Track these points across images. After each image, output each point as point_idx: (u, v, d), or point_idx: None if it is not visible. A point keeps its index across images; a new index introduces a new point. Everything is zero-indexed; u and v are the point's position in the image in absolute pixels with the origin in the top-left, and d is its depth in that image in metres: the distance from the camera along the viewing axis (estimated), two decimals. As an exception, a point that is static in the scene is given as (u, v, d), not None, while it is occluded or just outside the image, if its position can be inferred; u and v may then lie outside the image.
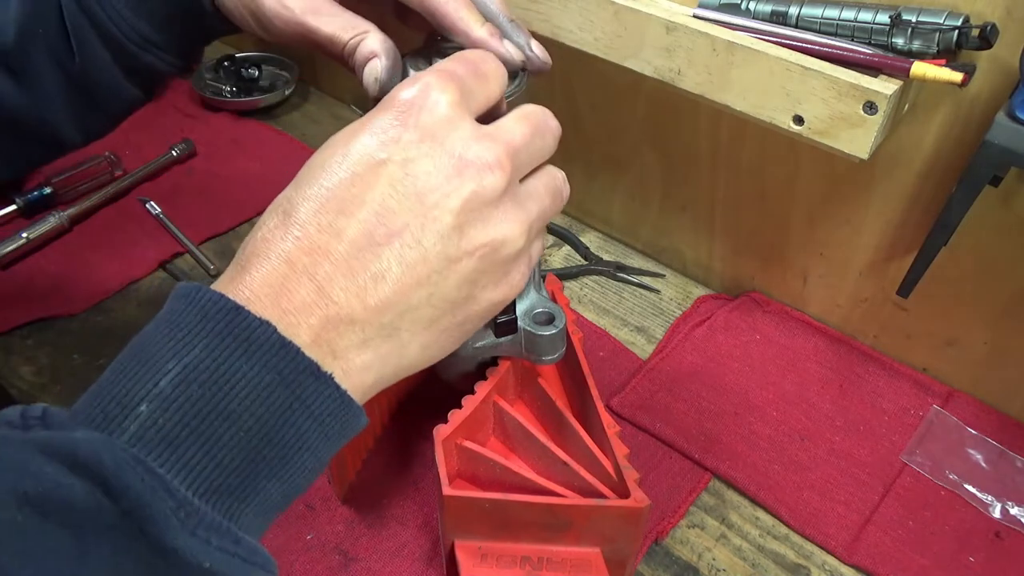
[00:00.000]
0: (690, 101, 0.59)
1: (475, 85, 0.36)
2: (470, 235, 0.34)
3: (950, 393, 0.68)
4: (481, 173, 0.33)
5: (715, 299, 0.77)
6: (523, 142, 0.36)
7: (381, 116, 0.34)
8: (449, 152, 0.33)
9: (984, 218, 0.58)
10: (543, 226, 0.39)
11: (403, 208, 0.32)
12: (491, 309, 0.37)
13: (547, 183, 0.39)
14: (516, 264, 0.37)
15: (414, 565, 0.55)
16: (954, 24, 0.49)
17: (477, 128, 0.35)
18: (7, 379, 0.68)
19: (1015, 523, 0.59)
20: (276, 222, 0.33)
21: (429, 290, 0.33)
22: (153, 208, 0.84)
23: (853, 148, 0.52)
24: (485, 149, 0.34)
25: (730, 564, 0.57)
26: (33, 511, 0.25)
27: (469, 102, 0.35)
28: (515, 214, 0.35)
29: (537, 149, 0.38)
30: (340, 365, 0.32)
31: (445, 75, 0.35)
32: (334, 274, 0.31)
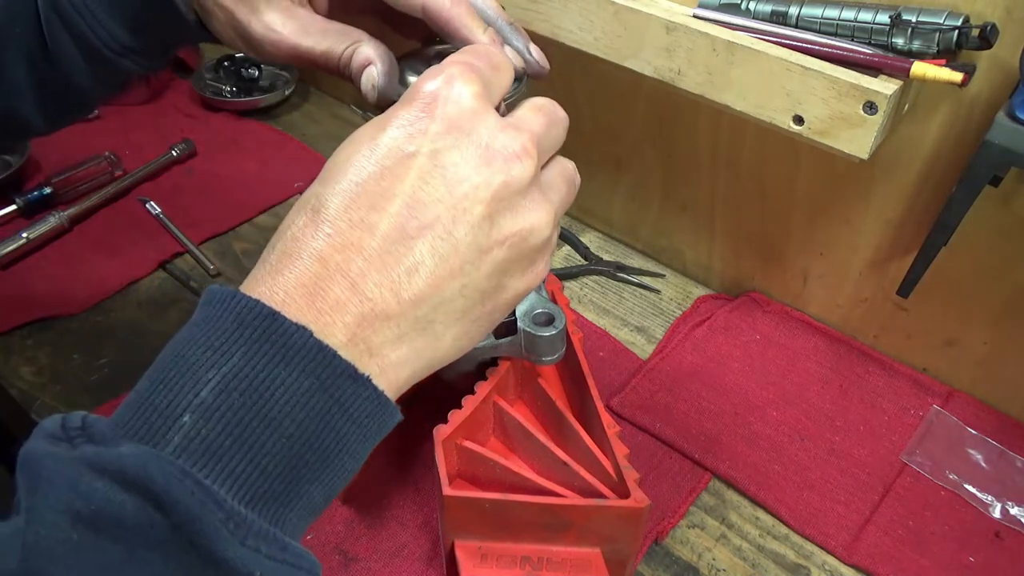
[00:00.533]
0: (690, 101, 0.59)
1: (493, 77, 0.36)
2: (500, 224, 0.34)
3: (950, 393, 0.68)
4: (509, 163, 0.33)
5: (715, 299, 0.77)
6: (543, 131, 0.36)
7: (406, 109, 0.34)
8: (476, 142, 0.33)
9: (984, 218, 0.58)
10: (562, 215, 0.39)
11: (434, 200, 0.32)
12: (517, 298, 0.37)
13: (562, 172, 0.39)
14: (542, 253, 0.37)
15: (414, 565, 0.55)
16: (954, 24, 0.49)
17: (500, 119, 0.35)
18: (7, 379, 0.68)
19: (1015, 523, 0.59)
20: (306, 220, 0.32)
21: (462, 281, 0.33)
22: (153, 208, 0.84)
23: (853, 148, 0.52)
24: (511, 139, 0.34)
25: (730, 564, 0.57)
26: (86, 529, 0.25)
27: (490, 93, 0.35)
28: (542, 202, 0.35)
29: (553, 138, 0.38)
30: (376, 362, 0.32)
31: (467, 67, 0.35)
32: (368, 270, 0.31)
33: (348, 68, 0.42)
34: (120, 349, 0.71)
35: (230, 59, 1.03)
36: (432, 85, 0.34)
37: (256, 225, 0.85)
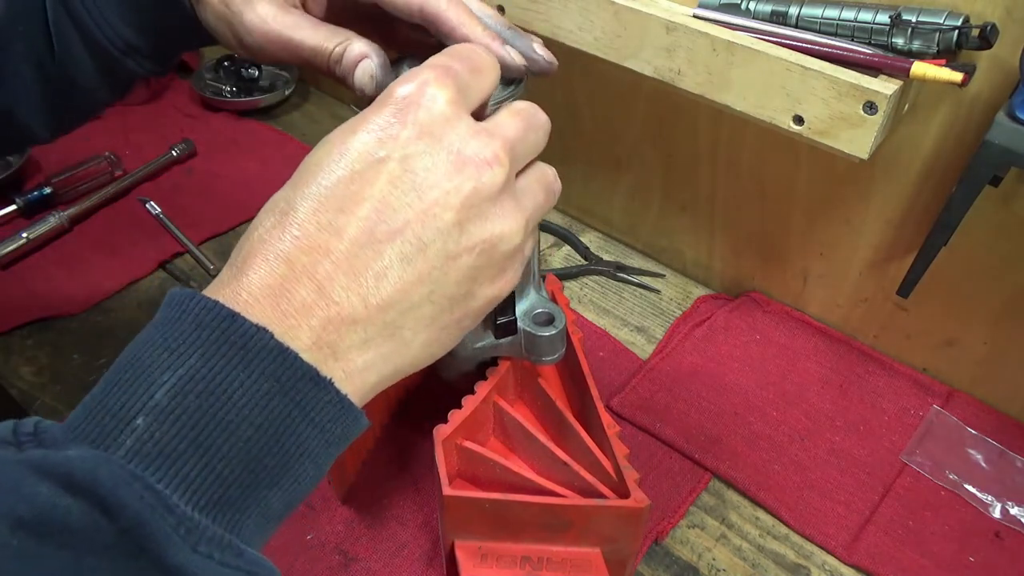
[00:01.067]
0: (690, 101, 0.59)
1: (471, 80, 0.35)
2: (470, 231, 0.33)
3: (950, 393, 0.68)
4: (480, 169, 0.33)
5: (715, 299, 0.77)
6: (518, 137, 0.36)
7: (378, 113, 0.33)
8: (448, 148, 0.33)
9: (984, 218, 0.58)
10: (538, 222, 0.39)
11: (403, 205, 0.32)
12: (488, 305, 0.37)
13: (540, 179, 0.39)
14: (513, 260, 0.37)
15: (414, 565, 0.55)
16: (954, 24, 0.49)
17: (474, 124, 0.34)
18: (7, 379, 0.68)
19: (1015, 523, 0.59)
20: (273, 221, 0.32)
21: (430, 287, 0.33)
22: (153, 208, 0.84)
23: (853, 148, 0.52)
24: (483, 145, 0.34)
25: (730, 564, 0.57)
26: (28, 535, 0.25)
27: (466, 98, 0.35)
28: (513, 210, 0.35)
29: (531, 144, 0.37)
30: (341, 367, 0.31)
31: (442, 71, 0.34)
32: (335, 273, 0.31)
33: (339, 64, 0.42)
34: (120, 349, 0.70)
35: (230, 59, 1.03)
36: (405, 90, 0.34)
37: (256, 225, 0.85)
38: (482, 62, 0.37)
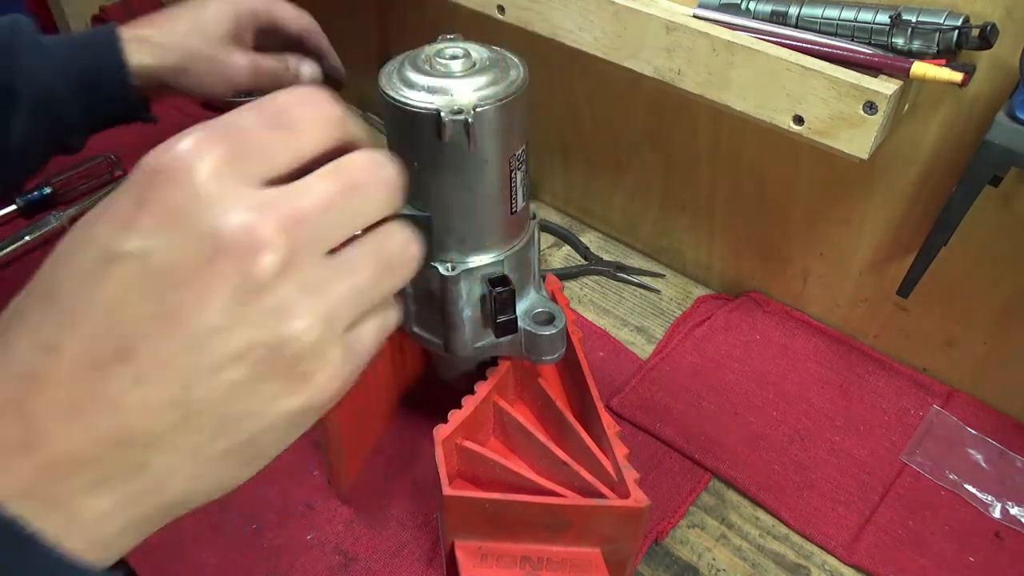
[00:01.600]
0: (690, 101, 0.59)
1: (269, 141, 0.27)
2: (236, 335, 0.26)
3: (950, 393, 0.68)
4: (243, 259, 0.25)
5: (715, 299, 0.77)
6: (319, 206, 0.27)
7: (122, 194, 0.26)
8: (200, 235, 0.25)
9: (984, 218, 0.58)
10: (364, 307, 0.29)
11: (140, 315, 0.25)
12: (292, 420, 0.29)
13: (373, 250, 0.29)
14: (316, 361, 0.27)
15: (414, 565, 0.55)
16: (954, 24, 0.49)
17: (248, 196, 0.26)
18: (7, 379, 0.68)
19: (1015, 523, 0.59)
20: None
21: (182, 412, 0.26)
22: (153, 208, 0.84)
23: (853, 148, 0.52)
24: (250, 227, 0.25)
25: (730, 564, 0.57)
26: None
27: (249, 164, 0.26)
28: (301, 301, 0.26)
29: (353, 211, 0.28)
30: (63, 516, 0.25)
31: (214, 133, 0.26)
32: (49, 404, 0.24)
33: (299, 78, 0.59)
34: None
35: (230, 59, 1.03)
36: (153, 161, 0.26)
37: (256, 225, 0.85)
38: (298, 116, 0.28)
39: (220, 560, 0.55)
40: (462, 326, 0.51)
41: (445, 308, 0.50)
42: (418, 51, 0.47)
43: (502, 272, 0.50)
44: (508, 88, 0.44)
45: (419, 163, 0.46)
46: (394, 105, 0.44)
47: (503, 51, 0.47)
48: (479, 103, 0.43)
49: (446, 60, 0.45)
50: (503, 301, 0.49)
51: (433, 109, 0.43)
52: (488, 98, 0.44)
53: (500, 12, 0.65)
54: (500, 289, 0.48)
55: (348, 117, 0.29)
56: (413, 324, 0.54)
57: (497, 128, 0.45)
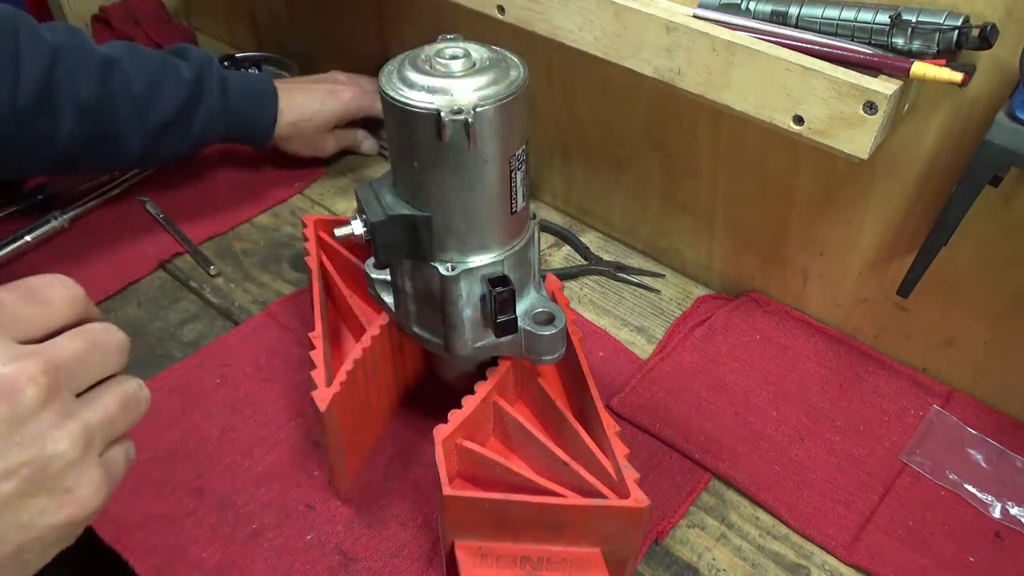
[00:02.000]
0: (690, 101, 0.59)
1: (26, 312, 0.33)
2: (6, 457, 0.30)
3: (950, 393, 0.68)
4: (10, 394, 0.30)
5: (715, 299, 0.77)
6: (72, 357, 0.33)
7: None
8: None
9: (984, 218, 0.58)
10: (114, 434, 0.35)
11: None
12: (59, 532, 0.33)
13: (115, 391, 0.36)
14: (79, 477, 0.32)
15: (414, 565, 0.55)
16: (954, 24, 0.49)
17: (12, 348, 0.32)
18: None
19: (1015, 523, 0.59)
20: None
21: None
22: (153, 208, 0.84)
23: (853, 148, 0.52)
24: (17, 369, 0.31)
25: (730, 564, 0.57)
26: None
27: (10, 328, 0.32)
28: (63, 424, 0.32)
29: (96, 363, 0.35)
30: None
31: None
32: None
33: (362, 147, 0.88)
34: (120, 349, 0.71)
35: (230, 59, 1.03)
36: None
37: (256, 225, 0.85)
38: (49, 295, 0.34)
39: (220, 560, 0.55)
40: (462, 326, 0.51)
41: (445, 308, 0.50)
42: (418, 51, 0.47)
43: (502, 272, 0.50)
44: (508, 88, 0.44)
45: (419, 163, 0.46)
46: (394, 105, 0.44)
47: (503, 51, 0.47)
48: (479, 103, 0.43)
49: (446, 60, 0.45)
50: (503, 301, 0.49)
51: (433, 109, 0.43)
52: (488, 98, 0.44)
53: (500, 12, 0.65)
54: (500, 289, 0.48)
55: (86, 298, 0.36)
56: (413, 324, 0.54)
57: (497, 128, 0.45)
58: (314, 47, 1.04)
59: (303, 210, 0.87)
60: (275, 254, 0.81)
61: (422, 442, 0.63)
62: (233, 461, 0.61)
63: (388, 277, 0.55)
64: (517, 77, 0.45)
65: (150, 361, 0.70)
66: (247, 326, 0.72)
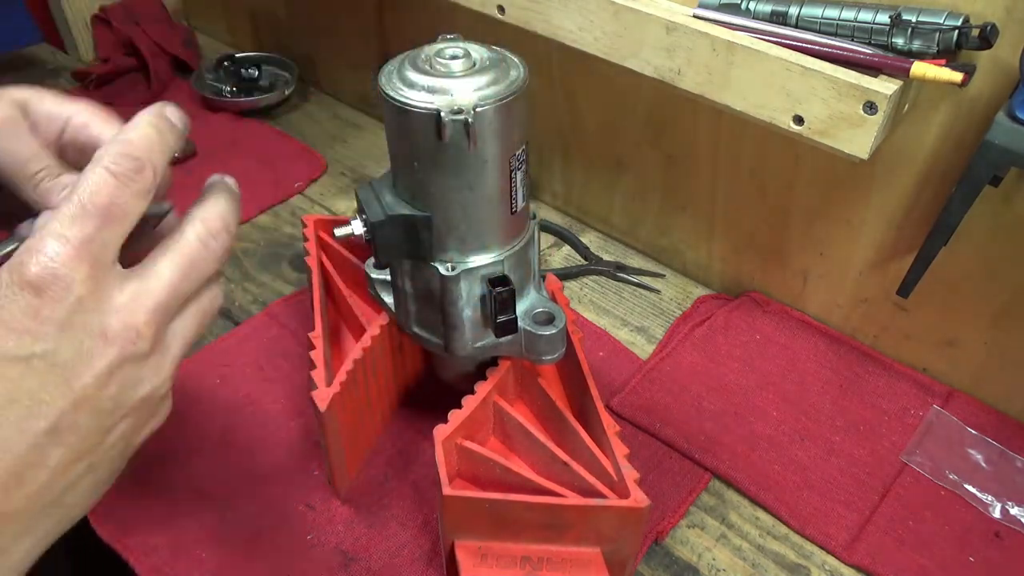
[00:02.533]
0: (690, 101, 0.59)
1: (110, 234, 0.34)
2: (122, 401, 0.34)
3: (950, 393, 0.68)
4: (124, 347, 0.34)
5: (715, 299, 0.77)
6: (169, 294, 0.36)
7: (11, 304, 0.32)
8: (90, 333, 0.33)
9: (984, 218, 0.58)
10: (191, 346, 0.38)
11: (54, 398, 0.32)
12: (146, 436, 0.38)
13: (197, 312, 0.38)
14: (163, 401, 0.37)
15: (414, 565, 0.55)
16: (954, 24, 0.49)
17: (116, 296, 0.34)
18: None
19: (1015, 523, 0.59)
20: None
21: (89, 460, 0.34)
22: (153, 208, 0.84)
23: (853, 148, 0.52)
24: (125, 323, 0.34)
25: (730, 564, 0.57)
26: None
27: (105, 258, 0.34)
28: (159, 367, 0.36)
29: (188, 288, 0.37)
30: None
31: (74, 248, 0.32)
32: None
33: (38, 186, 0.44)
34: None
35: (230, 59, 1.03)
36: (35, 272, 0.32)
37: (256, 225, 0.85)
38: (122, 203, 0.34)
39: (220, 560, 0.55)
40: (462, 326, 0.51)
41: (445, 308, 0.50)
42: (418, 51, 0.47)
43: (502, 272, 0.50)
44: (508, 88, 0.44)
45: (419, 163, 0.46)
46: (394, 105, 0.44)
47: (503, 51, 0.47)
48: (479, 103, 0.43)
49: (446, 60, 0.45)
50: (503, 301, 0.49)
51: (433, 109, 0.43)
52: (488, 98, 0.44)
53: (500, 12, 0.65)
54: (500, 289, 0.48)
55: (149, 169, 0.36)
56: (413, 324, 0.54)
57: (497, 128, 0.45)
58: (314, 47, 1.04)
59: (303, 210, 0.87)
60: (275, 254, 0.81)
61: (422, 442, 0.63)
62: (233, 461, 0.61)
63: (388, 277, 0.55)
64: (517, 77, 0.45)
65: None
66: (247, 326, 0.72)
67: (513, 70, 0.46)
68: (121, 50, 1.04)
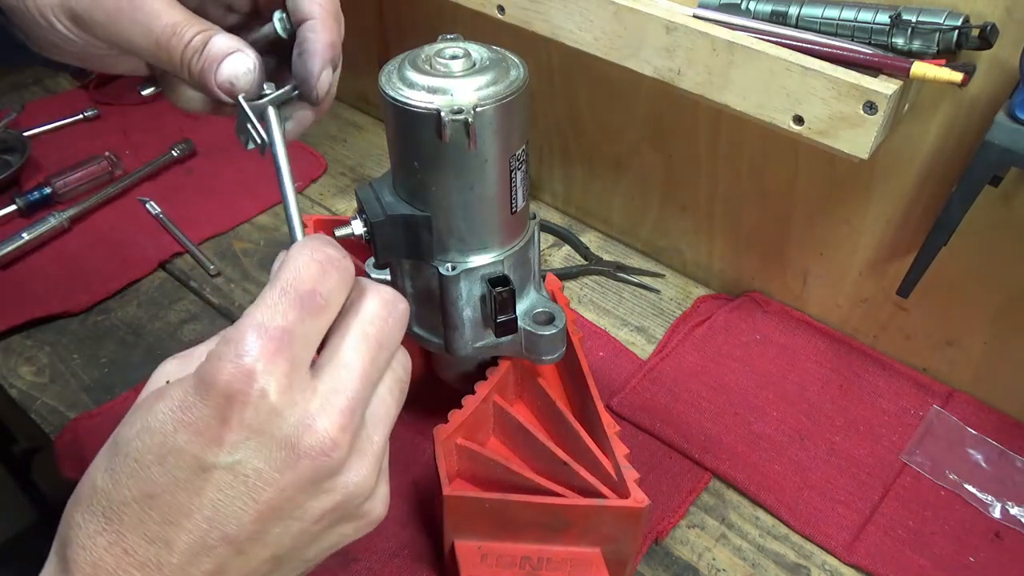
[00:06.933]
0: (690, 101, 0.59)
1: (309, 327, 0.31)
2: (312, 508, 0.32)
3: (950, 393, 0.68)
4: (318, 459, 0.31)
5: (715, 299, 0.77)
6: (362, 384, 0.32)
7: (199, 407, 0.29)
8: (279, 444, 0.30)
9: (984, 218, 0.58)
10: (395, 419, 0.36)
11: (236, 510, 0.30)
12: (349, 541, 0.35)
13: (391, 386, 0.35)
14: (373, 501, 0.34)
15: (414, 565, 0.55)
16: (954, 24, 0.49)
17: (310, 400, 0.31)
18: (7, 379, 0.68)
19: (1015, 523, 0.59)
20: (96, 527, 0.30)
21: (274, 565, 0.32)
22: (153, 208, 0.84)
23: (853, 148, 0.52)
24: (320, 432, 0.31)
25: (730, 564, 0.57)
26: None
27: (302, 358, 0.31)
28: (361, 465, 0.33)
29: (381, 369, 0.34)
30: None
31: (272, 348, 0.30)
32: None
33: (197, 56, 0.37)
34: (120, 349, 0.71)
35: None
36: (228, 381, 0.29)
37: (256, 225, 0.85)
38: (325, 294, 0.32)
39: (220, 560, 0.55)
40: (462, 326, 0.51)
41: (445, 308, 0.50)
42: (418, 51, 0.47)
43: (502, 272, 0.50)
44: (508, 88, 0.44)
45: (419, 163, 0.46)
46: (394, 105, 0.44)
47: (503, 51, 0.47)
48: (479, 103, 0.43)
49: (446, 60, 0.45)
50: (503, 301, 0.49)
51: (433, 109, 0.43)
52: (488, 98, 0.44)
53: (500, 12, 0.65)
54: (500, 289, 0.48)
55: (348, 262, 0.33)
56: (413, 324, 0.54)
57: (497, 128, 0.44)
58: (314, 47, 1.03)
59: (303, 210, 0.87)
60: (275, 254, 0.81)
61: (422, 442, 0.63)
62: (233, 461, 0.61)
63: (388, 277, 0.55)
64: (517, 77, 0.45)
65: (150, 361, 0.70)
66: (247, 326, 0.72)
67: (513, 70, 0.46)
68: (121, 50, 1.04)
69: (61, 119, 0.97)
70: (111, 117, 0.99)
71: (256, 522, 0.30)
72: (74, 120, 0.98)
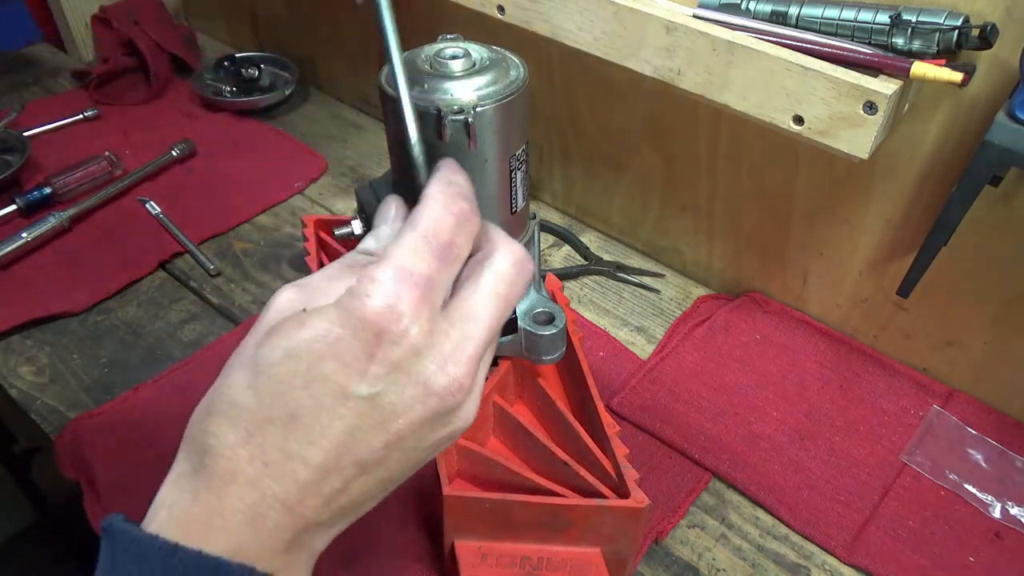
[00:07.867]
0: (690, 101, 0.59)
1: (445, 276, 0.34)
2: (430, 439, 0.35)
3: (950, 393, 0.68)
4: (445, 399, 0.34)
5: (715, 299, 0.77)
6: (488, 338, 0.36)
7: (347, 340, 0.32)
8: (415, 382, 0.33)
9: (984, 218, 0.58)
10: None
11: (369, 437, 0.33)
12: None
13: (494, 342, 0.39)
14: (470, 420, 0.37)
15: (414, 565, 0.55)
16: (954, 24, 0.49)
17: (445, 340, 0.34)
18: (7, 379, 0.68)
19: (1015, 523, 0.59)
20: (237, 439, 0.33)
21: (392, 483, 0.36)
22: (153, 208, 0.84)
23: (853, 148, 0.52)
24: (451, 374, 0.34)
25: (730, 564, 0.57)
26: None
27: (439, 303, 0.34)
28: (473, 403, 0.36)
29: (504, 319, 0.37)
30: (307, 553, 0.35)
31: (418, 294, 0.33)
32: (304, 496, 0.33)
33: None
34: (120, 349, 0.71)
35: (230, 59, 1.03)
36: (380, 310, 0.32)
37: (256, 225, 0.85)
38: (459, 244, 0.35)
39: (220, 560, 0.55)
40: (462, 326, 0.51)
41: (445, 308, 0.50)
42: (418, 51, 0.47)
43: (502, 272, 0.50)
44: (508, 88, 0.44)
45: (419, 163, 0.46)
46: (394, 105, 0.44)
47: (503, 51, 0.47)
48: (479, 103, 0.43)
49: (446, 60, 0.45)
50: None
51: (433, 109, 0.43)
52: (488, 98, 0.44)
53: (500, 12, 0.65)
54: (500, 289, 0.48)
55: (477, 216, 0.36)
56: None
57: (497, 128, 0.44)
58: (314, 47, 1.04)
59: (303, 210, 0.87)
60: (275, 254, 0.81)
61: (422, 442, 0.63)
62: (233, 461, 0.61)
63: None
64: (517, 77, 0.45)
65: (150, 361, 0.70)
66: (247, 326, 0.72)
67: (513, 70, 0.46)
68: (121, 50, 1.04)
69: (61, 119, 0.97)
70: (111, 117, 0.99)
71: (384, 448, 0.34)
72: (74, 120, 0.98)
